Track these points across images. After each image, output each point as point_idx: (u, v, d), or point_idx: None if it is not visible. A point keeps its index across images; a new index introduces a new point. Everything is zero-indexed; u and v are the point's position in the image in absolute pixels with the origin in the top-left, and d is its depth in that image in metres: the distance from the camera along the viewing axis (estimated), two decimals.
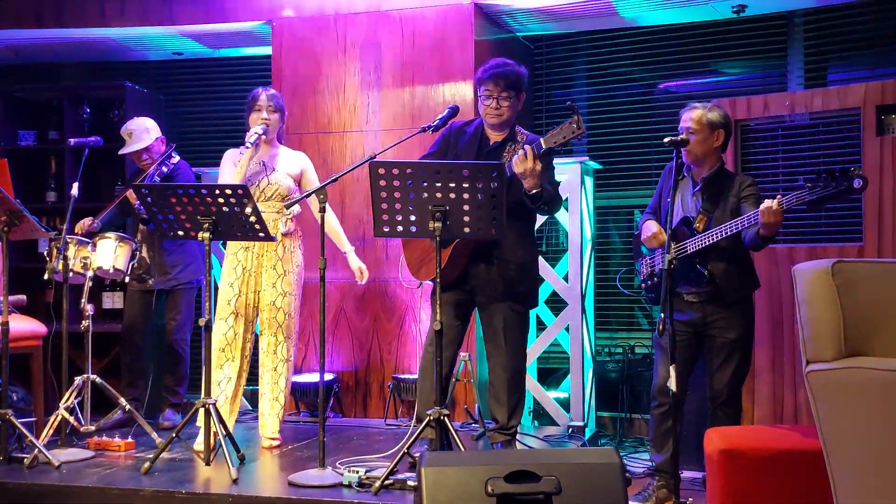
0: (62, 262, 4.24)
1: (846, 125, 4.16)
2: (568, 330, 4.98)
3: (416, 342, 5.09)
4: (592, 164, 5.18)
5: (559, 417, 4.98)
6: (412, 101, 5.17)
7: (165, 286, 5.01)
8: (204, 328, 3.82)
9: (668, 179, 3.55)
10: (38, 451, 3.87)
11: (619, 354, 5.36)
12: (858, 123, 4.07)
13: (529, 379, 4.82)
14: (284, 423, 4.39)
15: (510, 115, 3.83)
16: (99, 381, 4.26)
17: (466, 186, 3.33)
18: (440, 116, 3.86)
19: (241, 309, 4.23)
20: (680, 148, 3.44)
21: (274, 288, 4.23)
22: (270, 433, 4.27)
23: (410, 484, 3.37)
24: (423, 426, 3.53)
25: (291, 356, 4.33)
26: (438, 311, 3.43)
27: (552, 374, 5.47)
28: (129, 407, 4.29)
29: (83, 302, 4.28)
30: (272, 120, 4.25)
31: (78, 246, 4.37)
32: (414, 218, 3.42)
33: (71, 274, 4.30)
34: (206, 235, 3.77)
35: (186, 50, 6.03)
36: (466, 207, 3.36)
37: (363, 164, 3.63)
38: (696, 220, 3.54)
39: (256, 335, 4.38)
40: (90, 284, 4.35)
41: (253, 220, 3.76)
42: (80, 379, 4.23)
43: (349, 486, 3.46)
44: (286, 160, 4.34)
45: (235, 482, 3.55)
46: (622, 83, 5.67)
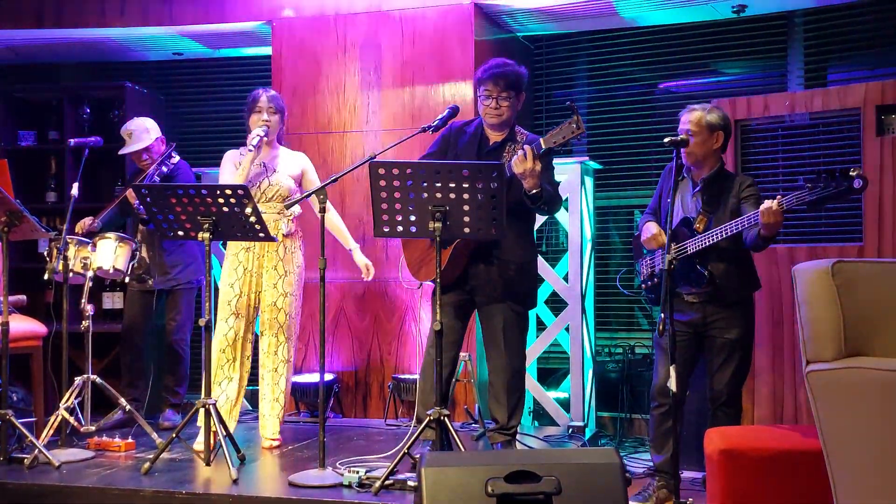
0: (62, 262, 4.24)
1: (846, 125, 4.16)
2: (568, 330, 4.98)
3: (416, 342, 5.09)
4: (592, 164, 5.18)
5: (559, 417, 4.98)
6: (412, 101, 5.17)
7: (165, 286, 5.01)
8: (204, 328, 3.82)
9: (668, 180, 3.55)
10: (38, 451, 3.87)
11: (619, 354, 5.36)
12: (858, 123, 4.07)
13: (529, 379, 4.82)
14: (284, 423, 4.39)
15: (510, 115, 3.82)
16: (99, 381, 4.26)
17: (466, 186, 3.33)
18: (440, 116, 3.86)
19: (241, 310, 4.22)
20: (680, 148, 3.44)
21: (275, 289, 4.23)
22: (271, 434, 4.27)
23: (410, 484, 3.37)
24: (423, 426, 3.53)
25: (292, 357, 4.33)
26: (438, 311, 3.43)
27: (552, 374, 5.47)
28: (129, 407, 4.28)
29: (83, 302, 4.28)
30: (273, 121, 4.24)
31: (78, 246, 4.37)
32: (414, 218, 3.42)
33: (71, 274, 4.30)
34: (206, 236, 3.77)
35: (186, 50, 6.02)
36: (466, 207, 3.36)
37: (363, 164, 3.62)
38: (696, 220, 3.54)
39: (256, 335, 4.38)
40: (90, 285, 4.35)
41: (253, 220, 3.75)
42: (80, 379, 4.23)
43: (349, 486, 3.46)
44: (286, 161, 4.33)
45: (235, 482, 3.55)
46: (622, 83, 5.67)
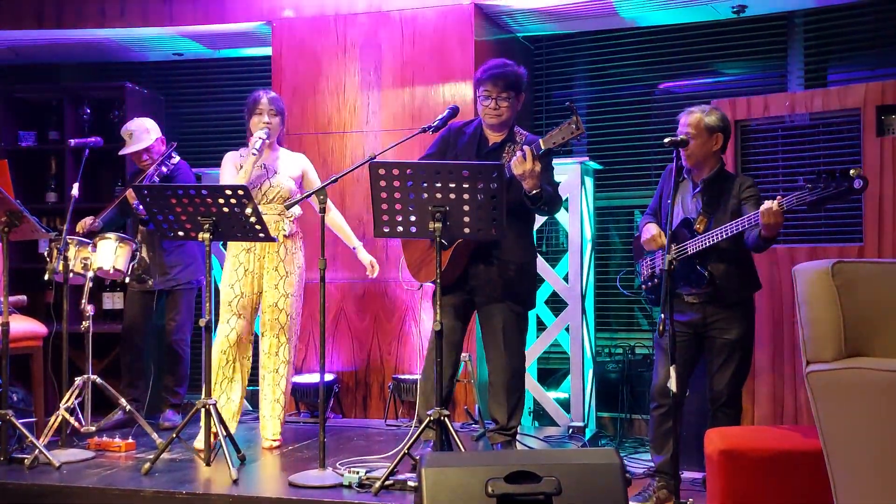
0: (62, 262, 4.24)
1: (846, 126, 4.16)
2: (568, 330, 4.98)
3: (416, 343, 5.09)
4: (592, 164, 5.18)
5: (559, 418, 4.97)
6: (412, 101, 5.17)
7: (165, 287, 5.01)
8: (204, 329, 3.81)
9: (668, 181, 3.55)
10: (38, 451, 3.87)
11: (619, 355, 5.36)
12: (858, 124, 4.07)
13: (529, 379, 4.82)
14: (285, 423, 4.38)
15: (509, 115, 3.82)
16: (99, 381, 4.26)
17: (466, 187, 3.33)
18: (440, 117, 3.86)
19: (243, 310, 4.22)
20: (679, 149, 3.44)
21: (276, 289, 4.23)
22: (271, 435, 4.27)
23: (411, 484, 3.37)
24: (422, 427, 3.53)
25: (293, 357, 4.33)
26: (439, 311, 3.43)
27: (552, 374, 5.47)
28: (129, 407, 4.29)
29: (83, 302, 4.28)
30: (273, 123, 4.24)
31: (78, 246, 4.37)
32: (414, 218, 3.42)
33: (71, 274, 4.30)
34: (206, 236, 3.77)
35: (187, 50, 6.02)
36: (466, 208, 3.36)
37: (363, 164, 3.63)
38: (696, 221, 3.54)
39: (256, 335, 4.38)
40: (90, 285, 4.35)
41: (253, 220, 3.75)
42: (80, 379, 4.23)
43: (349, 486, 3.46)
44: (287, 162, 4.33)
45: (236, 483, 3.56)
46: (622, 83, 5.67)
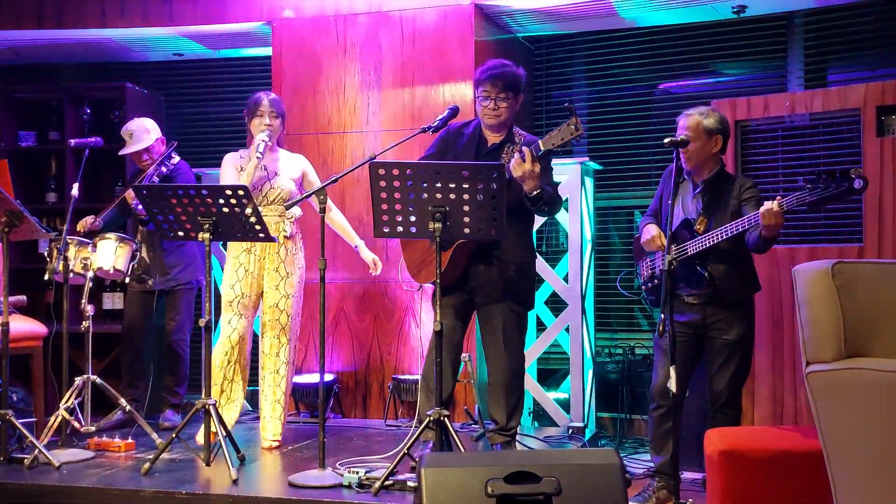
0: (62, 262, 4.23)
1: (846, 126, 4.16)
2: (568, 331, 4.98)
3: (416, 343, 5.09)
4: (592, 164, 5.18)
5: (559, 418, 4.97)
6: (412, 101, 5.17)
7: (165, 287, 5.01)
8: (204, 329, 3.81)
9: (668, 182, 3.54)
10: (38, 451, 3.87)
11: (619, 355, 5.36)
12: (858, 124, 4.07)
13: (529, 379, 4.82)
14: (285, 424, 4.38)
15: (508, 116, 3.82)
16: (99, 381, 4.26)
17: (466, 187, 3.32)
18: (440, 117, 3.86)
19: (243, 310, 4.23)
20: (680, 149, 3.44)
21: (277, 290, 4.23)
22: (271, 435, 4.26)
23: (410, 485, 3.37)
24: (422, 427, 3.53)
25: (293, 358, 4.33)
26: (439, 312, 3.43)
27: (552, 374, 5.47)
28: (129, 407, 4.28)
29: (83, 302, 4.28)
30: (275, 126, 4.24)
31: (78, 246, 4.37)
32: (414, 219, 3.42)
33: (71, 274, 4.30)
34: (206, 236, 3.77)
35: (187, 50, 6.02)
36: (466, 208, 3.36)
37: (363, 164, 3.63)
38: (696, 222, 3.54)
39: (256, 335, 4.38)
40: (90, 285, 4.35)
41: (253, 220, 3.75)
42: (80, 379, 4.23)
43: (349, 486, 3.46)
44: (287, 164, 4.34)
45: (235, 483, 3.55)
46: (622, 84, 5.67)
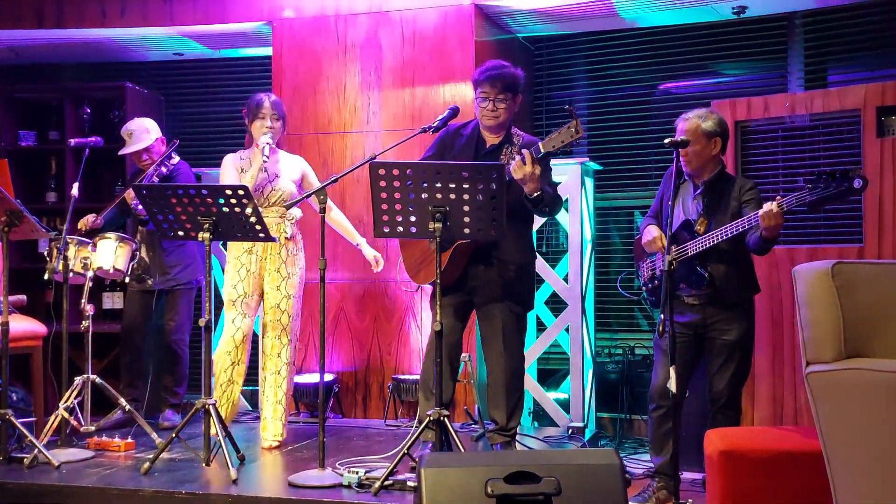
0: (62, 262, 4.23)
1: (846, 126, 4.16)
2: (568, 331, 4.98)
3: (416, 343, 5.09)
4: (593, 164, 5.18)
5: (559, 418, 4.97)
6: (412, 101, 5.17)
7: (165, 286, 5.01)
8: (204, 328, 3.81)
9: (669, 184, 3.54)
10: (37, 451, 3.87)
11: (618, 355, 5.36)
12: (858, 125, 4.07)
13: (529, 380, 4.82)
14: (286, 424, 4.37)
15: (506, 117, 3.82)
16: (99, 381, 4.26)
17: (466, 187, 3.33)
18: (440, 117, 3.86)
19: (247, 310, 4.23)
20: (679, 150, 3.44)
21: (278, 291, 4.23)
22: (272, 436, 4.26)
23: (410, 485, 3.37)
24: (422, 427, 3.53)
25: (294, 359, 4.33)
26: (439, 311, 3.43)
27: (552, 375, 5.47)
28: (128, 407, 4.28)
29: (83, 302, 4.28)
30: (276, 128, 4.24)
31: (78, 246, 4.37)
32: (414, 219, 3.42)
33: (71, 274, 4.30)
34: (206, 236, 3.77)
35: (187, 50, 6.02)
36: (466, 208, 3.36)
37: (363, 164, 3.63)
38: (696, 223, 3.54)
39: (255, 336, 4.38)
40: (90, 285, 4.35)
41: (253, 220, 3.75)
42: (79, 379, 4.23)
43: (349, 486, 3.46)
44: (287, 166, 4.34)
45: (235, 482, 3.55)
46: (623, 84, 5.67)
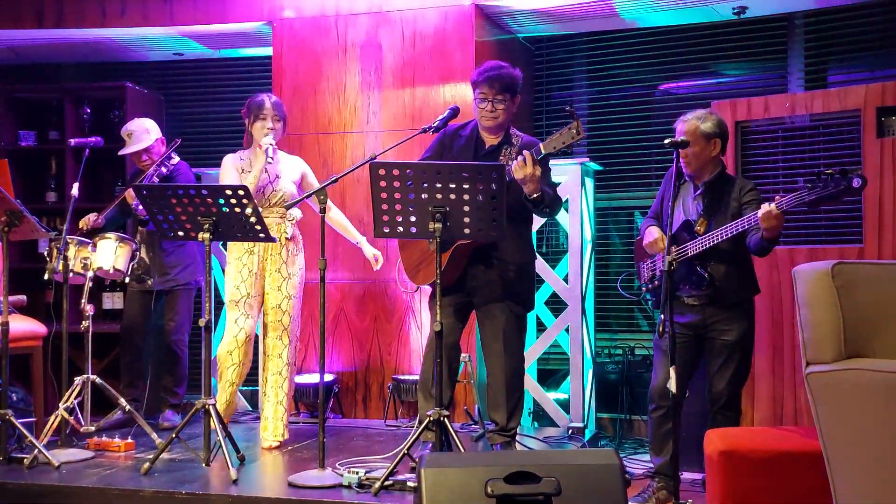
0: (62, 262, 4.23)
1: (846, 127, 4.16)
2: (568, 331, 4.98)
3: (416, 343, 5.09)
4: (593, 165, 5.18)
5: (559, 419, 4.97)
6: (413, 101, 5.17)
7: (164, 287, 5.01)
8: (204, 329, 3.81)
9: (669, 185, 3.54)
10: (37, 451, 3.87)
11: (618, 356, 5.36)
12: (859, 125, 4.07)
13: (529, 380, 4.82)
14: (287, 425, 4.37)
15: (505, 117, 3.82)
16: (99, 381, 4.26)
17: (467, 188, 3.33)
18: (441, 117, 3.86)
19: (249, 310, 4.23)
20: (679, 151, 3.44)
21: (279, 291, 4.23)
22: (273, 436, 4.26)
23: (410, 485, 3.37)
24: (422, 427, 3.53)
25: (294, 359, 4.33)
26: (439, 311, 3.43)
27: (552, 375, 5.47)
28: (128, 407, 4.28)
29: (83, 302, 4.28)
30: (277, 129, 4.24)
31: (78, 246, 4.37)
32: (414, 219, 3.42)
33: (71, 274, 4.30)
34: (206, 236, 3.77)
35: (187, 50, 6.02)
36: (466, 209, 3.36)
37: (363, 164, 3.63)
38: (696, 223, 3.54)
39: (256, 336, 4.38)
40: (90, 285, 4.35)
41: (253, 220, 3.75)
42: (79, 379, 4.23)
43: (349, 486, 3.46)
44: (287, 167, 4.35)
45: (235, 483, 3.56)
46: (623, 84, 5.67)
